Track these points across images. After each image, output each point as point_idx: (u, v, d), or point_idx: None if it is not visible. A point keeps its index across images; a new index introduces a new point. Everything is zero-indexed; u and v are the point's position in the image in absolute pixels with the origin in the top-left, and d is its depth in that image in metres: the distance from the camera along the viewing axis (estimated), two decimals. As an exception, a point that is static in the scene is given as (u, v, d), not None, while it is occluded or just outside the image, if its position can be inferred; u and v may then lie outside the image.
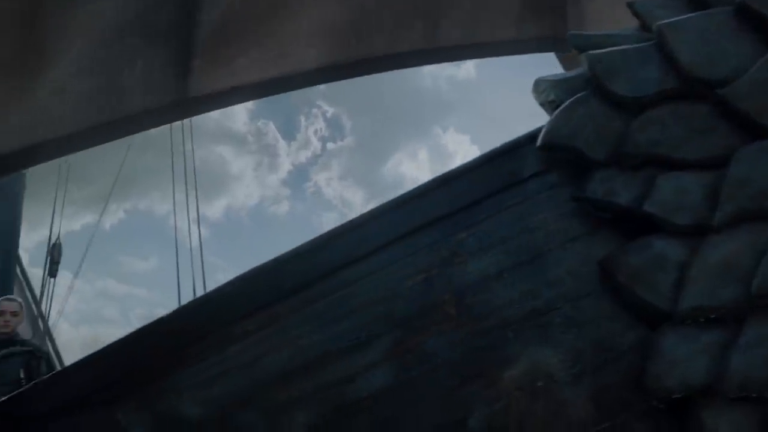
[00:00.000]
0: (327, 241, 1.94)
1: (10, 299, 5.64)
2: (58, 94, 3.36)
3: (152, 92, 3.29)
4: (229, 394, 1.92)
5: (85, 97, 3.37)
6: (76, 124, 3.39)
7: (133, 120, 3.35)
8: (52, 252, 8.39)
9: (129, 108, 3.33)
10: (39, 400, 1.99)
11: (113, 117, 3.34)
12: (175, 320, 1.97)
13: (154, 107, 3.26)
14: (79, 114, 3.39)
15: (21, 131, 3.42)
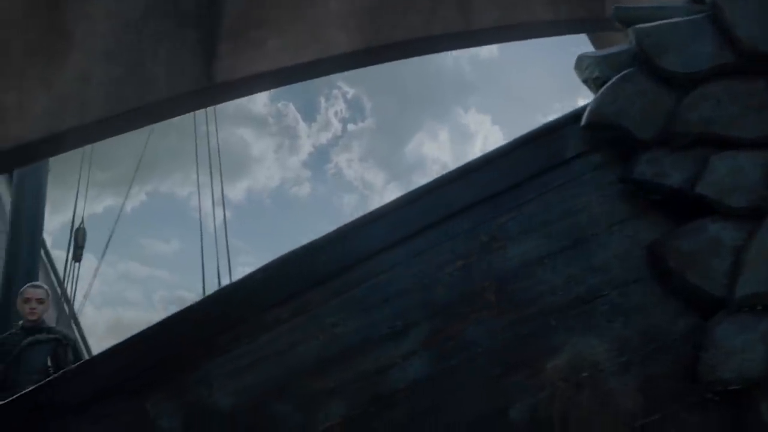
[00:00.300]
0: (362, 225, 1.88)
1: (36, 286, 5.53)
2: (83, 81, 3.34)
3: (178, 78, 3.25)
4: (262, 384, 1.88)
5: (110, 84, 3.34)
6: (101, 111, 3.36)
7: (159, 107, 3.32)
8: (76, 236, 8.29)
9: (155, 95, 3.30)
10: (67, 390, 1.96)
11: (139, 104, 3.32)
12: (205, 308, 1.93)
13: (180, 94, 3.22)
14: (104, 101, 3.37)
15: (46, 118, 3.40)
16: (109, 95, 3.39)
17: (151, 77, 3.30)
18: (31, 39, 3.25)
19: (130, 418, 1.93)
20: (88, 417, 1.94)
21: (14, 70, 3.46)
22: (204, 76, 3.19)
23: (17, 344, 4.93)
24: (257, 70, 3.09)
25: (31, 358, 4.90)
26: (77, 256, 8.29)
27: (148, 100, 3.31)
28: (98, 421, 1.94)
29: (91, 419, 1.94)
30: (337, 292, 1.87)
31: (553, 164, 1.84)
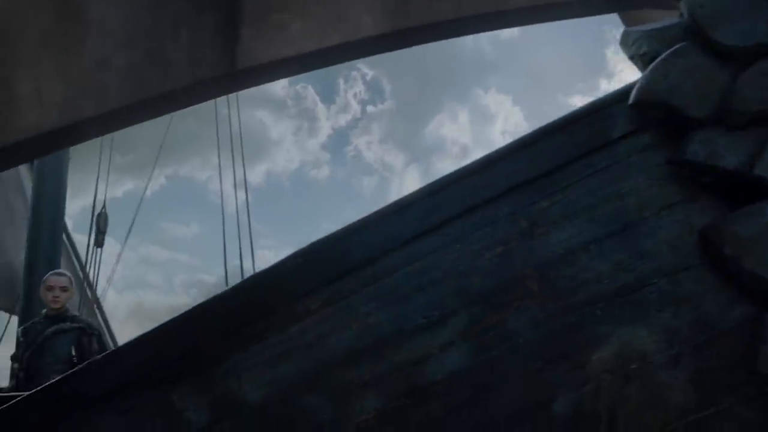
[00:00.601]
0: (396, 211, 1.81)
1: (59, 273, 5.42)
2: (101, 67, 3.28)
3: (199, 64, 3.19)
4: (292, 376, 1.82)
5: (129, 71, 3.29)
6: (120, 99, 3.31)
7: (180, 94, 3.26)
8: (97, 222, 8.24)
9: (175, 81, 3.24)
10: (91, 381, 1.91)
11: (159, 91, 3.26)
12: (232, 298, 1.87)
13: (202, 80, 3.16)
14: (123, 88, 3.31)
15: (64, 107, 3.35)
16: (128, 82, 3.34)
17: (171, 63, 3.24)
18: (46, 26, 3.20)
19: (156, 410, 1.88)
20: (113, 409, 1.89)
21: (30, 59, 3.41)
22: (226, 62, 3.13)
23: (41, 333, 4.87)
24: (281, 55, 3.02)
25: (54, 347, 4.82)
26: (99, 241, 8.22)
27: (168, 87, 3.25)
28: (123, 413, 1.89)
29: (116, 411, 1.89)
30: (369, 280, 1.80)
31: (598, 145, 1.76)
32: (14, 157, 3.58)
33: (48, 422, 1.91)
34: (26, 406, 1.93)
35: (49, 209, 7.43)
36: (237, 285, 1.88)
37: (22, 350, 4.81)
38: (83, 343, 4.90)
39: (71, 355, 4.84)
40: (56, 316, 4.97)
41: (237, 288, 1.87)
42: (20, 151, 3.45)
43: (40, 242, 7.37)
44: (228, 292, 1.87)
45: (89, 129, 3.53)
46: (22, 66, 3.36)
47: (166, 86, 3.23)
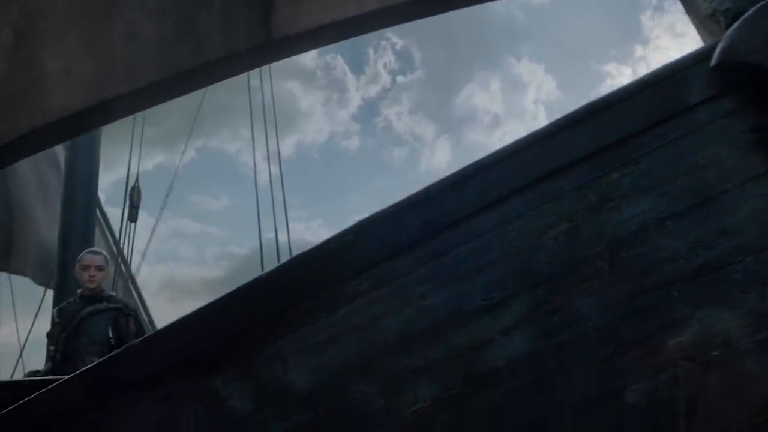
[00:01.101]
0: (452, 185, 1.70)
1: (95, 252, 5.24)
2: (130, 41, 3.18)
3: (232, 35, 3.07)
4: (341, 362, 1.72)
5: (160, 44, 3.19)
6: (151, 74, 3.22)
7: (214, 68, 3.15)
8: (131, 196, 8.01)
9: (209, 54, 3.13)
10: (130, 366, 1.84)
11: (192, 65, 3.16)
12: (277, 279, 1.78)
13: (237, 52, 3.05)
14: (154, 63, 3.22)
15: (92, 85, 3.26)
16: (159, 56, 3.24)
17: (204, 35, 3.13)
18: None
19: (197, 397, 1.80)
20: (152, 395, 1.82)
21: (56, 34, 3.32)
22: (260, 32, 3.01)
23: (76, 314, 4.75)
24: (317, 23, 2.90)
25: (91, 328, 4.70)
26: (132, 216, 8.03)
27: (201, 61, 3.14)
28: (162, 400, 1.82)
29: (155, 398, 1.82)
30: (424, 260, 1.70)
31: (674, 112, 1.63)
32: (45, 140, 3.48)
33: (84, 409, 1.84)
34: (62, 392, 1.87)
35: (83, 184, 7.28)
36: (281, 265, 1.79)
37: (58, 331, 4.71)
38: (120, 324, 4.78)
39: (108, 336, 4.72)
40: (92, 297, 4.83)
41: (282, 268, 1.78)
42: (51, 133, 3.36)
43: (74, 217, 7.23)
44: (272, 272, 1.78)
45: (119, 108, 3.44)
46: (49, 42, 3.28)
47: (199, 60, 3.13)
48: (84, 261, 4.94)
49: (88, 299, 4.85)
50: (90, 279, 4.83)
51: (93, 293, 4.85)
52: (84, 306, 4.80)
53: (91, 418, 1.84)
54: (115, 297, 5.22)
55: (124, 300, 5.40)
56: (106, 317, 4.75)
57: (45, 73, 3.25)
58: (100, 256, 5.08)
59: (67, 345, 4.64)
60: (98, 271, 4.88)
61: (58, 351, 4.62)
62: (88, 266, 4.88)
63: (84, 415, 1.84)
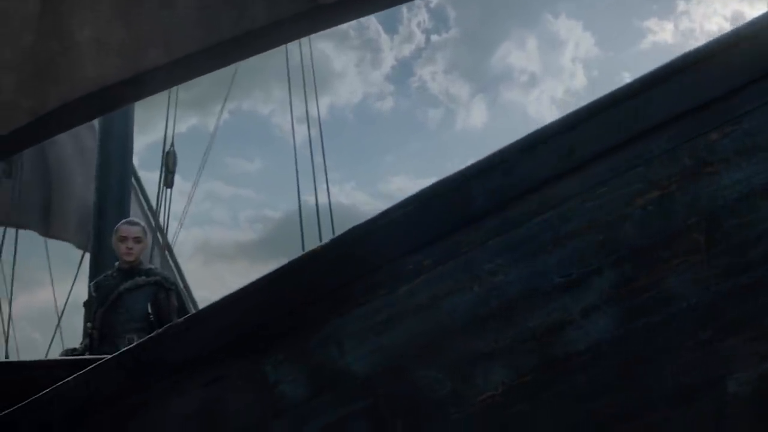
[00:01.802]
0: (527, 148, 1.55)
1: (133, 223, 5.00)
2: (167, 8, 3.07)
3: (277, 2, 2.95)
4: (403, 345, 1.59)
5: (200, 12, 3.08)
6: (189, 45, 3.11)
7: (257, 37, 3.02)
8: (166, 161, 7.67)
9: (251, 24, 3.00)
10: (171, 348, 1.73)
11: (233, 35, 3.04)
12: (332, 253, 1.65)
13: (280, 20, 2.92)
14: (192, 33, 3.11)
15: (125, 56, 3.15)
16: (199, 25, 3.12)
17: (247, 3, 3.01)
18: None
19: (245, 382, 1.68)
20: (197, 379, 1.71)
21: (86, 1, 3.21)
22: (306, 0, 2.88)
23: (114, 289, 4.55)
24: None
25: (129, 304, 4.50)
26: (168, 181, 7.73)
27: (243, 30, 3.02)
28: (207, 385, 1.70)
29: (201, 382, 1.71)
30: (495, 232, 1.55)
31: (784, 63, 1.46)
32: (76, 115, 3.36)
33: (124, 393, 1.74)
34: (100, 375, 1.77)
35: (118, 147, 7.10)
36: (337, 238, 1.66)
37: (95, 307, 4.53)
38: (160, 299, 4.57)
39: (147, 312, 4.53)
40: (130, 270, 4.63)
41: (337, 241, 1.65)
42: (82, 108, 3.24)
43: (109, 182, 7.04)
44: (327, 246, 1.65)
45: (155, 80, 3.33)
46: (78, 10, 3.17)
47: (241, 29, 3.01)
48: (121, 232, 4.70)
49: (125, 273, 4.65)
50: (127, 252, 4.61)
51: (131, 267, 4.64)
52: (122, 280, 4.60)
53: (132, 403, 1.73)
54: (154, 270, 5.00)
55: (163, 273, 5.14)
56: (145, 292, 4.55)
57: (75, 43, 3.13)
58: (138, 227, 4.83)
59: (104, 321, 4.46)
60: (136, 243, 4.65)
61: (95, 328, 4.44)
62: (125, 238, 4.64)
63: (124, 400, 1.74)
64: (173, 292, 4.68)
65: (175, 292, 4.71)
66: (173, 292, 4.67)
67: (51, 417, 1.80)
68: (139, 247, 4.66)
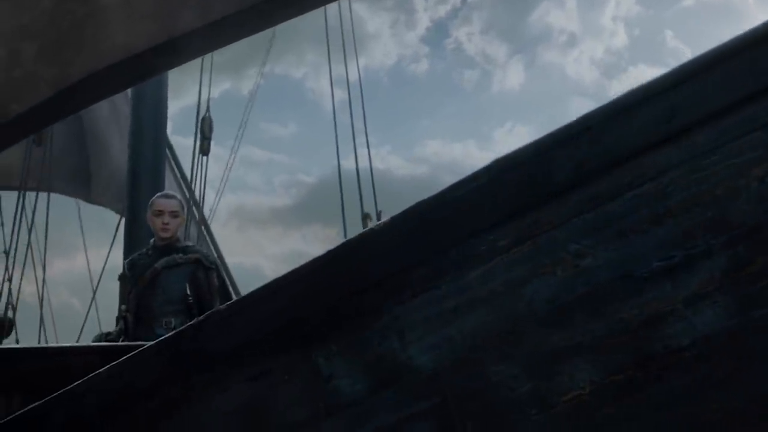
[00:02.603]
0: (620, 112, 1.35)
1: (169, 196, 4.63)
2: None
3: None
4: (474, 336, 1.42)
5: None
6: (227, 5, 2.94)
7: (296, 0, 2.84)
8: (202, 126, 7.16)
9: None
10: (214, 336, 1.58)
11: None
12: (394, 232, 1.48)
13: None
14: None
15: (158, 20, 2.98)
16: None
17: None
18: None
19: (295, 376, 1.53)
20: (241, 373, 1.56)
21: None
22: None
23: (149, 267, 4.21)
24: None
25: (166, 284, 4.16)
26: (204, 148, 7.20)
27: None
28: (254, 378, 1.56)
29: (246, 376, 1.56)
30: (581, 208, 1.37)
31: None
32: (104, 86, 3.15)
33: (163, 385, 1.61)
34: (137, 365, 1.64)
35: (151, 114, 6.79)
36: (399, 215, 1.48)
37: (130, 288, 4.23)
38: (199, 278, 4.21)
39: (185, 293, 4.19)
40: (166, 247, 4.26)
41: (399, 218, 1.47)
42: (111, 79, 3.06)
43: (143, 150, 6.70)
44: (387, 223, 1.48)
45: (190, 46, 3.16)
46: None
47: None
48: (156, 206, 4.34)
49: (162, 250, 4.28)
50: (164, 227, 4.24)
51: (167, 244, 4.29)
52: (157, 258, 4.26)
53: (170, 397, 1.60)
54: (193, 247, 4.63)
55: (202, 251, 4.72)
56: (183, 271, 4.21)
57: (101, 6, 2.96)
58: (175, 200, 4.49)
59: (140, 304, 4.15)
60: (173, 218, 4.28)
61: (130, 310, 4.15)
62: (161, 212, 4.29)
63: (161, 394, 1.60)
64: (213, 271, 4.32)
65: (216, 271, 4.35)
66: (213, 271, 4.32)
67: (84, 410, 1.67)
68: (176, 222, 4.30)
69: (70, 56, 2.71)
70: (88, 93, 2.97)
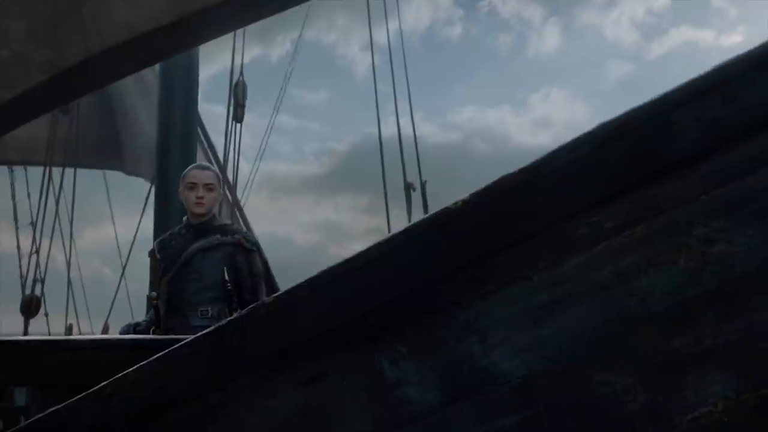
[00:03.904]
0: (762, 63, 1.11)
1: (203, 167, 4.14)
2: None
3: None
4: (575, 338, 1.19)
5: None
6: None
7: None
8: (235, 92, 6.53)
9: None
10: (260, 333, 1.37)
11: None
12: (473, 211, 1.25)
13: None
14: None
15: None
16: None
17: None
18: None
19: (356, 381, 1.32)
20: (291, 376, 1.34)
21: None
22: None
23: (183, 250, 3.75)
24: None
25: (202, 269, 3.70)
26: (238, 115, 6.55)
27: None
28: (307, 382, 1.34)
29: (297, 380, 1.34)
30: (710, 182, 1.13)
31: None
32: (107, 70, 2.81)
33: (198, 391, 1.40)
34: (170, 366, 1.43)
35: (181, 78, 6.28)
36: (478, 192, 1.25)
37: (161, 272, 3.76)
38: (239, 262, 3.73)
39: (224, 278, 3.68)
40: (201, 227, 3.79)
41: (481, 195, 1.24)
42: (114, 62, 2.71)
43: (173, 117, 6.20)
44: (467, 202, 1.24)
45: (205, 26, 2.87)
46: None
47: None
48: (190, 178, 3.86)
49: (196, 230, 3.80)
50: (198, 202, 3.78)
51: (202, 222, 3.82)
52: (192, 239, 3.79)
53: (210, 404, 1.39)
54: (231, 227, 4.15)
55: (242, 231, 4.19)
56: (220, 254, 3.74)
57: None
58: (211, 171, 4.03)
59: (172, 291, 3.69)
60: (208, 192, 3.80)
61: (162, 299, 3.69)
62: (194, 185, 3.81)
63: (199, 400, 1.39)
64: (255, 253, 3.82)
65: (258, 254, 3.86)
66: (255, 254, 3.82)
67: (109, 416, 1.47)
68: (211, 197, 3.83)
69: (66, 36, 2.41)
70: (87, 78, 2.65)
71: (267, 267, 3.98)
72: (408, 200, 6.56)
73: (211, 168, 4.23)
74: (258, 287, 3.71)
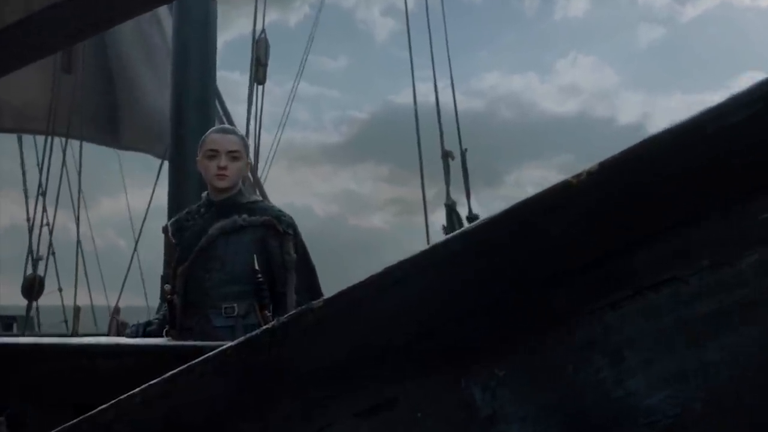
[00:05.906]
0: None
1: (226, 130, 3.51)
2: None
3: None
4: (752, 367, 0.88)
5: None
6: None
7: None
8: (257, 50, 6.06)
9: None
10: (306, 346, 1.06)
11: None
12: (599, 188, 0.93)
13: None
14: None
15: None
16: None
17: None
18: None
19: (437, 411, 1.01)
20: (350, 402, 1.04)
21: None
22: None
23: (202, 233, 3.15)
24: None
25: (225, 256, 3.11)
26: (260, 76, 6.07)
27: None
28: (371, 411, 1.04)
29: (357, 407, 1.04)
30: None
31: None
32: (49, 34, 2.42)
33: (224, 420, 1.10)
34: (188, 387, 1.13)
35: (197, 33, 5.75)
36: (608, 162, 0.93)
37: (176, 260, 3.17)
38: (271, 248, 3.13)
39: (253, 267, 3.07)
40: (224, 204, 3.18)
41: (609, 169, 0.92)
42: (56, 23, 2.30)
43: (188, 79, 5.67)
44: (590, 176, 0.92)
45: None
46: None
47: None
48: (209, 144, 3.23)
49: (219, 208, 3.18)
50: (219, 174, 3.16)
51: (226, 198, 3.21)
52: (213, 219, 3.18)
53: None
54: (262, 203, 3.50)
55: (275, 209, 3.39)
56: (248, 238, 3.14)
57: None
58: (235, 136, 3.36)
59: (189, 282, 3.10)
60: (232, 161, 3.18)
61: (178, 291, 3.07)
62: (216, 153, 3.18)
63: (225, 429, 1.10)
64: (290, 237, 3.19)
65: (295, 238, 3.23)
66: (290, 238, 3.19)
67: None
68: (236, 167, 3.20)
69: None
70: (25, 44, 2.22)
71: (305, 254, 3.38)
72: (446, 170, 6.35)
73: (236, 131, 3.59)
74: (288, 279, 3.15)
